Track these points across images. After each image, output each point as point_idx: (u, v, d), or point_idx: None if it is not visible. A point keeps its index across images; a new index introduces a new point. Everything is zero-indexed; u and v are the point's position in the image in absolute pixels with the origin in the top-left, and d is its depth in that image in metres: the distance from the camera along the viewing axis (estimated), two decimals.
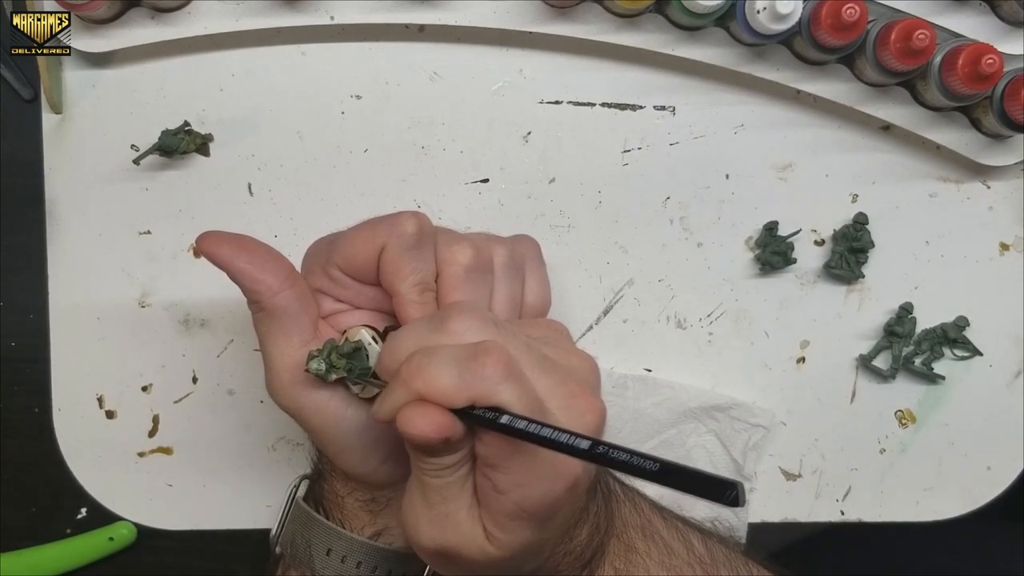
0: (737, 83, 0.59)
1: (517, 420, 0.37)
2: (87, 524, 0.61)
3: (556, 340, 0.46)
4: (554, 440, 0.35)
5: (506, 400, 0.37)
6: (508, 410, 0.37)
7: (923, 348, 0.61)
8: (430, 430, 0.37)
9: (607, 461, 0.34)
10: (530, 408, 0.38)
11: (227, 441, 0.60)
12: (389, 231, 0.45)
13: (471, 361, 0.38)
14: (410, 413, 0.38)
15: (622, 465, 0.33)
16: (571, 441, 0.35)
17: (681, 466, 0.32)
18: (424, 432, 0.37)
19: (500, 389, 0.37)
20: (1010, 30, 0.56)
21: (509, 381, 0.38)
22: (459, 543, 0.40)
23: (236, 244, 0.45)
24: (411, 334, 0.41)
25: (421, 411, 0.38)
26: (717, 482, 0.31)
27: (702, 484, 0.31)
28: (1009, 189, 0.61)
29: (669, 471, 0.32)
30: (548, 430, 0.36)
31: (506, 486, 0.39)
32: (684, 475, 0.32)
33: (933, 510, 0.62)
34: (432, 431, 0.37)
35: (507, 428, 0.37)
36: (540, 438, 0.36)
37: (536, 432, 0.36)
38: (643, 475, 0.33)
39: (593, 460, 0.35)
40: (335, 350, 0.44)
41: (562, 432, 0.35)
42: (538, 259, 0.51)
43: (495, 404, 0.37)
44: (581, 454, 0.35)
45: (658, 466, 0.33)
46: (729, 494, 0.31)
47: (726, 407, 0.60)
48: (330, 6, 0.55)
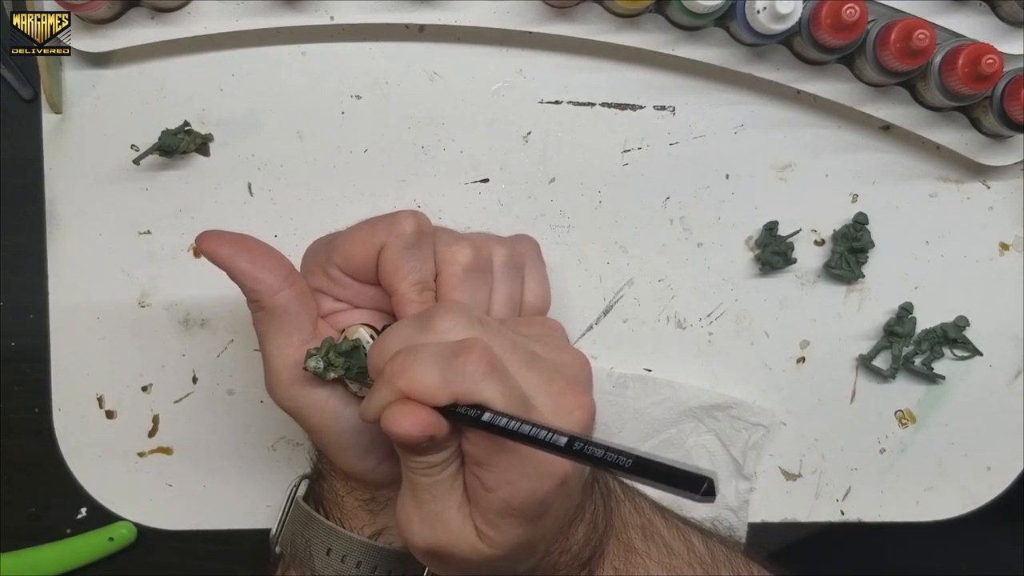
0: (737, 83, 0.59)
1: (498, 417, 0.37)
2: (87, 524, 0.60)
3: (548, 337, 0.46)
4: (533, 437, 0.35)
5: (488, 397, 0.37)
6: (491, 407, 0.37)
7: (923, 348, 0.61)
8: (414, 429, 0.37)
9: (583, 457, 0.34)
10: (514, 405, 0.38)
11: (227, 441, 0.60)
12: (388, 230, 0.45)
13: (453, 359, 0.38)
14: (394, 412, 0.38)
15: (597, 461, 0.34)
16: (550, 438, 0.35)
17: (654, 460, 0.32)
18: (408, 431, 0.37)
19: (482, 387, 0.37)
20: (1010, 30, 0.56)
21: (491, 378, 0.38)
22: (450, 542, 0.40)
23: (236, 243, 0.45)
24: (398, 333, 0.41)
25: (405, 410, 0.38)
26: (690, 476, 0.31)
27: (675, 478, 0.31)
28: (1009, 189, 0.61)
29: (642, 465, 0.32)
30: (528, 427, 0.36)
31: (494, 484, 0.39)
32: (657, 469, 0.32)
33: (933, 510, 0.62)
34: (416, 429, 0.37)
35: (489, 425, 0.37)
36: (520, 435, 0.36)
37: (516, 429, 0.36)
38: (618, 470, 0.33)
39: (571, 457, 0.35)
40: (333, 348, 0.44)
41: (541, 429, 0.35)
42: (538, 259, 0.51)
43: (477, 401, 0.38)
44: (559, 451, 0.35)
45: (631, 461, 0.33)
46: (703, 487, 0.31)
47: (726, 406, 0.60)
48: (330, 6, 0.55)
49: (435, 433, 0.38)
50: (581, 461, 0.34)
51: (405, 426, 0.37)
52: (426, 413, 0.38)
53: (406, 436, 0.38)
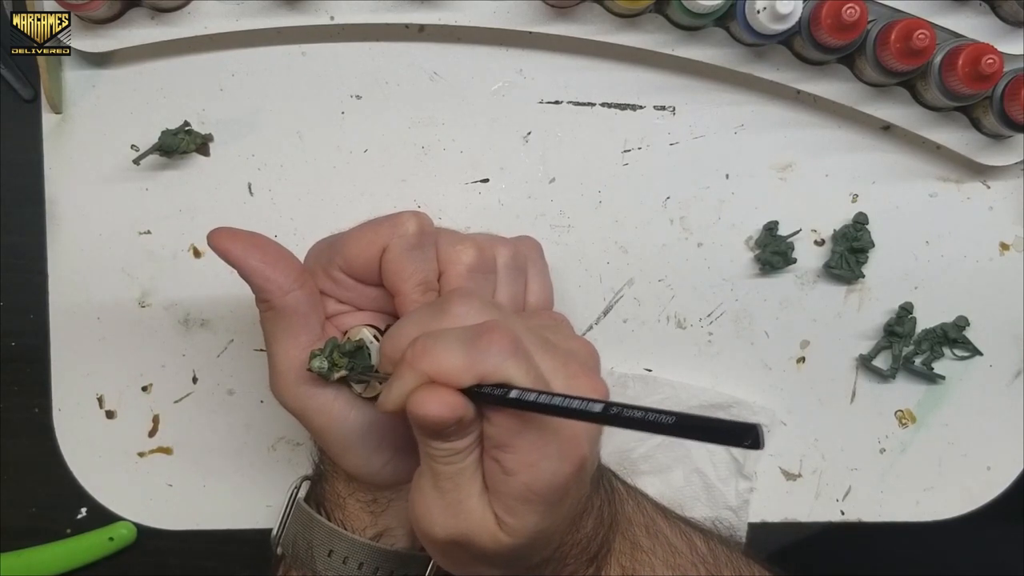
0: (737, 83, 0.59)
1: (527, 393, 0.37)
2: (87, 524, 0.60)
3: (556, 327, 0.46)
4: (567, 408, 0.35)
5: (513, 375, 0.37)
6: (516, 384, 0.37)
7: (923, 348, 0.61)
8: (444, 410, 0.37)
9: (622, 421, 0.34)
10: (538, 383, 0.38)
11: (227, 441, 0.60)
12: (390, 231, 0.45)
13: (477, 339, 0.38)
14: (422, 395, 0.38)
15: (638, 423, 0.33)
16: (584, 406, 0.35)
17: (697, 416, 0.32)
18: (438, 412, 0.37)
19: (507, 365, 0.37)
20: (1010, 30, 0.56)
21: (516, 357, 0.38)
22: (471, 530, 0.40)
23: (248, 241, 0.45)
24: (413, 321, 0.41)
25: (433, 392, 0.38)
26: (736, 427, 0.31)
27: (721, 431, 0.31)
28: (1009, 189, 0.61)
29: (686, 422, 0.32)
30: (559, 399, 0.36)
31: (515, 467, 0.39)
32: (702, 425, 0.32)
33: (933, 510, 0.62)
34: (446, 411, 0.37)
35: (518, 402, 0.37)
36: (552, 407, 0.36)
37: (548, 402, 0.36)
38: (661, 430, 0.33)
39: (608, 422, 0.34)
40: (337, 348, 0.44)
41: (573, 399, 0.35)
42: (540, 260, 0.52)
43: (503, 380, 0.37)
44: (595, 418, 0.35)
45: (674, 419, 0.32)
46: (750, 436, 0.30)
47: (726, 405, 0.60)
48: (330, 6, 0.55)
49: (463, 414, 0.38)
50: (621, 425, 0.34)
51: (434, 408, 0.37)
52: (453, 394, 0.38)
53: (437, 417, 0.37)
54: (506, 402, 0.37)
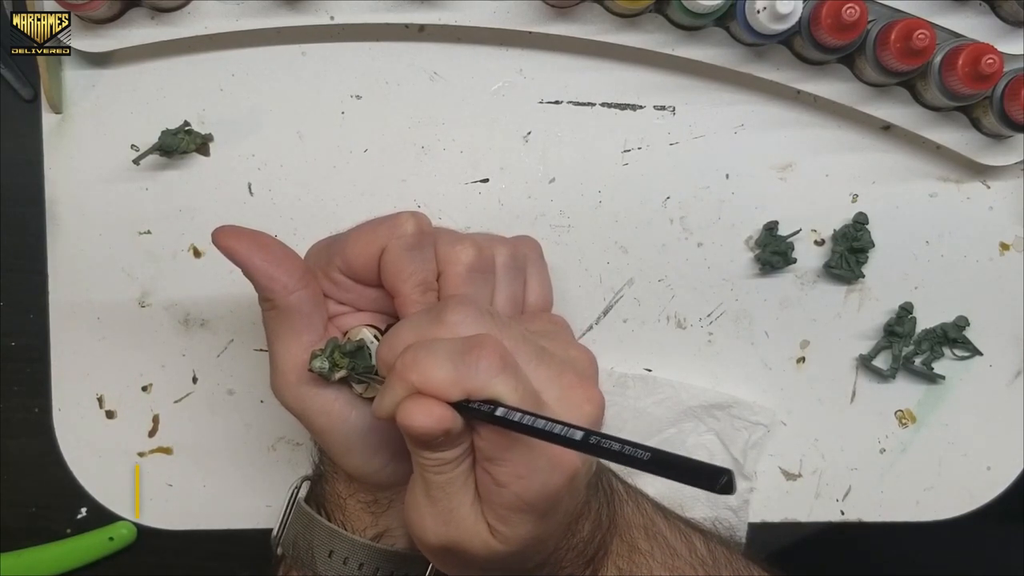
0: (737, 83, 0.59)
1: (512, 412, 0.37)
2: (87, 524, 0.60)
3: (555, 333, 0.46)
4: (548, 432, 0.36)
5: (500, 393, 0.37)
6: (503, 403, 0.37)
7: (923, 348, 0.61)
8: (430, 422, 0.37)
9: (600, 451, 0.34)
10: (525, 400, 0.38)
11: (227, 441, 0.60)
12: (389, 232, 0.45)
13: (465, 355, 0.38)
14: (410, 406, 0.38)
15: (615, 455, 0.34)
16: (565, 432, 0.35)
17: (672, 455, 0.32)
18: (425, 425, 0.37)
19: (495, 382, 0.37)
20: (1010, 30, 0.56)
21: (504, 374, 0.38)
22: (463, 538, 0.40)
23: (253, 240, 0.44)
24: (408, 327, 0.41)
25: (420, 404, 0.38)
26: (708, 470, 0.31)
27: (694, 472, 0.31)
28: (1009, 189, 0.61)
29: (660, 460, 0.32)
30: (542, 422, 0.36)
31: (505, 479, 0.39)
32: (675, 464, 0.32)
33: (933, 510, 0.62)
34: (433, 423, 0.37)
35: (502, 420, 0.37)
36: (535, 430, 0.36)
37: (531, 424, 0.36)
38: (635, 464, 0.33)
39: (587, 451, 0.35)
40: (338, 349, 0.44)
41: (556, 423, 0.36)
42: (540, 259, 0.52)
43: (490, 397, 0.38)
44: (575, 445, 0.35)
45: (649, 455, 0.33)
46: (721, 481, 0.31)
47: (726, 405, 0.60)
48: (330, 6, 0.55)
49: (450, 427, 0.38)
50: (597, 455, 0.34)
51: (421, 420, 0.37)
52: (441, 407, 0.38)
53: (423, 430, 0.38)
54: (492, 419, 0.37)
